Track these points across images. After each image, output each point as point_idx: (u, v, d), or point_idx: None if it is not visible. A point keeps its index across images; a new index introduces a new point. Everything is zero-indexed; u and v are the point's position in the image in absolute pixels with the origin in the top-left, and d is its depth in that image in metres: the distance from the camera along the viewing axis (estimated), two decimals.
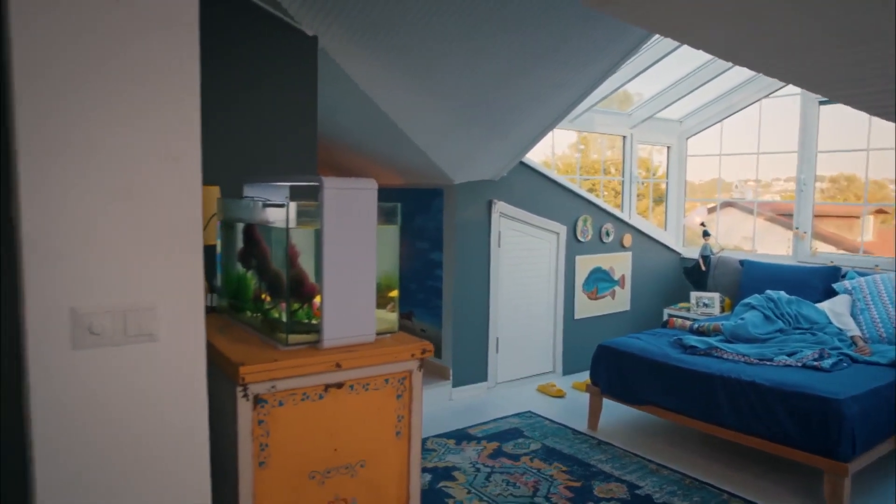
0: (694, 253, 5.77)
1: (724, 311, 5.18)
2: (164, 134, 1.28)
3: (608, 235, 5.37)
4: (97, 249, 1.24)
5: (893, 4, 1.19)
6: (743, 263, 5.19)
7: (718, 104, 5.73)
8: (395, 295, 1.86)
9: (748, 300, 4.44)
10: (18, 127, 1.15)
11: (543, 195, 4.94)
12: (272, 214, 1.76)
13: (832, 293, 4.46)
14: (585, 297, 5.29)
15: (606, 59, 3.52)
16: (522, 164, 4.70)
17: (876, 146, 4.85)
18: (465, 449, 3.69)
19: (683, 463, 3.51)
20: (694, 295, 5.29)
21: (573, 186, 5.13)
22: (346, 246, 1.65)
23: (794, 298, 4.34)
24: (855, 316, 4.23)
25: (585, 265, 5.26)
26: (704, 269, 5.38)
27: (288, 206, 1.64)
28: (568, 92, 3.77)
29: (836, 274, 4.60)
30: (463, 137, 3.93)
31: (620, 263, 5.53)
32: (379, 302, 1.75)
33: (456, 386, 4.61)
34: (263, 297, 1.85)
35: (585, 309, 5.30)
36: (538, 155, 5.37)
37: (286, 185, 2.03)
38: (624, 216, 5.56)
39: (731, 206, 5.99)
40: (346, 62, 3.06)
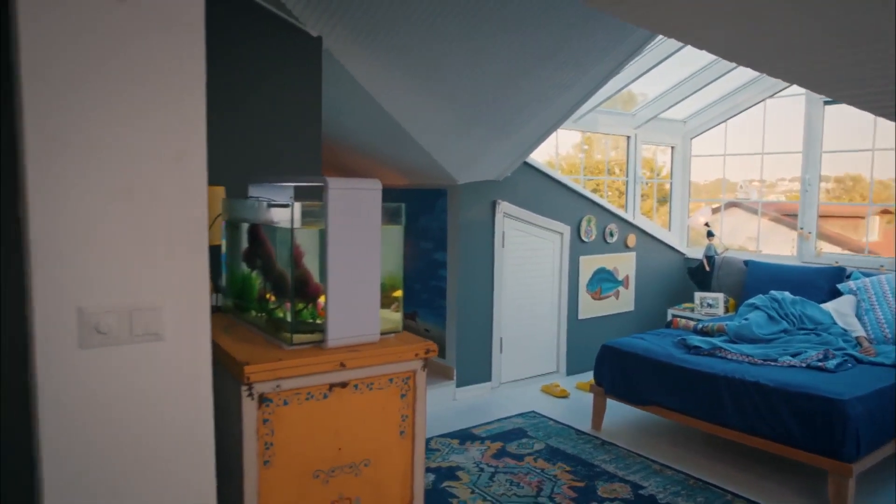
0: (698, 253, 5.77)
1: (728, 311, 5.18)
2: (169, 135, 1.29)
3: (612, 236, 5.37)
4: (104, 249, 1.25)
5: (894, 5, 1.20)
6: (747, 264, 5.18)
7: (722, 104, 5.73)
8: (399, 295, 1.86)
9: (752, 300, 4.43)
10: (26, 128, 1.16)
11: (547, 195, 4.94)
12: (277, 215, 1.77)
13: (837, 294, 4.44)
14: (589, 297, 5.29)
15: (610, 59, 3.52)
16: (526, 164, 4.70)
17: (881, 146, 4.83)
18: (468, 449, 3.70)
19: (687, 463, 3.51)
20: (698, 295, 5.28)
21: (577, 187, 5.12)
22: (350, 246, 1.65)
23: (798, 299, 4.33)
24: (860, 316, 4.22)
25: (589, 265, 5.26)
26: (708, 269, 5.38)
27: (292, 206, 1.64)
28: (572, 92, 3.77)
29: (840, 274, 4.59)
30: (467, 138, 3.94)
31: (624, 264, 5.52)
32: (383, 302, 1.75)
33: (460, 386, 4.61)
34: (268, 296, 1.86)
35: (589, 309, 5.30)
36: (542, 155, 5.38)
37: (291, 185, 2.04)
38: (628, 216, 5.56)
39: (735, 206, 5.98)
40: (350, 63, 3.07)
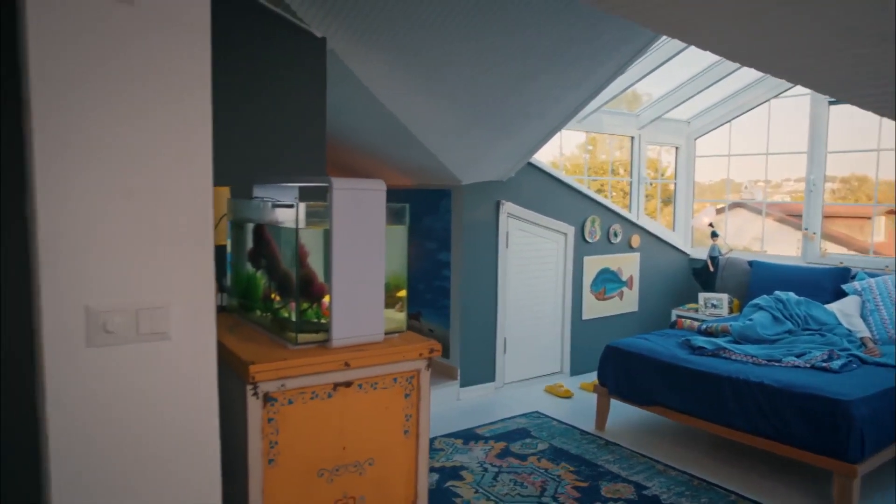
0: (702, 254, 5.76)
1: (732, 312, 5.17)
2: (176, 135, 1.30)
3: (616, 236, 5.36)
4: (111, 249, 1.26)
5: (894, 5, 1.20)
6: (752, 264, 5.18)
7: (727, 104, 5.72)
8: (403, 295, 1.87)
9: (757, 301, 4.42)
10: (34, 128, 1.18)
11: (551, 196, 4.94)
12: (282, 215, 1.78)
13: (842, 294, 4.43)
14: (593, 297, 5.29)
15: (614, 59, 3.52)
16: (530, 164, 4.71)
17: (887, 146, 4.82)
18: (472, 449, 3.70)
19: (691, 464, 3.51)
20: (702, 296, 5.28)
21: (581, 187, 5.12)
22: (354, 246, 1.66)
23: (802, 299, 4.32)
24: (865, 317, 4.21)
25: (593, 266, 5.26)
26: (713, 269, 5.37)
27: (297, 206, 1.65)
28: (576, 93, 3.77)
29: (845, 275, 4.58)
30: (471, 138, 3.94)
31: (628, 264, 5.52)
32: (387, 302, 1.76)
33: (464, 386, 4.62)
34: (273, 296, 1.87)
35: (593, 309, 5.30)
36: (546, 155, 5.38)
37: (295, 185, 2.05)
38: (632, 217, 5.56)
39: (740, 206, 5.97)
40: (354, 63, 3.08)
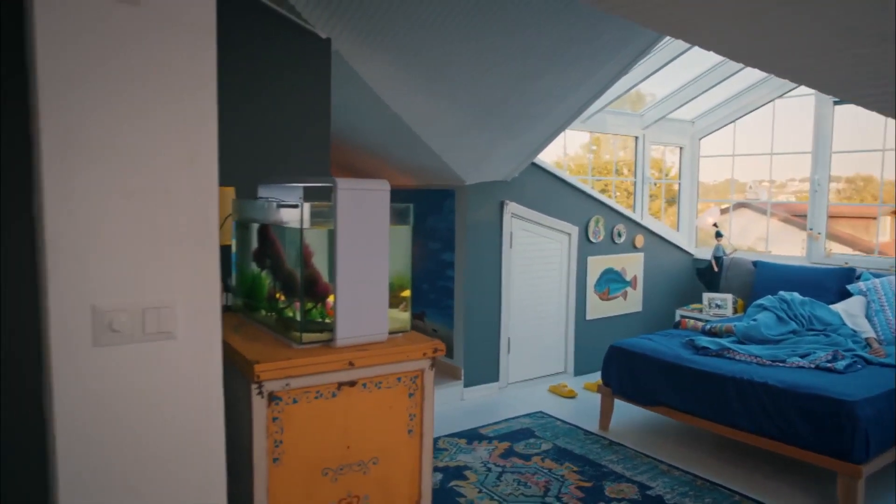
0: (706, 254, 5.75)
1: (736, 312, 5.16)
2: (182, 137, 1.31)
3: (620, 236, 5.36)
4: (117, 249, 1.27)
5: (894, 6, 1.20)
6: (756, 265, 5.17)
7: (731, 104, 5.71)
8: (407, 295, 1.88)
9: (761, 301, 4.41)
10: (42, 128, 1.19)
11: (555, 196, 4.94)
12: (286, 215, 1.79)
13: (847, 294, 4.42)
14: (597, 297, 5.29)
15: (618, 60, 3.52)
16: (534, 164, 4.71)
17: (892, 147, 4.80)
18: (476, 448, 3.71)
19: (695, 464, 3.51)
20: (706, 296, 5.27)
21: (585, 187, 5.12)
22: (359, 246, 1.67)
23: (807, 300, 4.31)
24: (870, 317, 4.20)
25: (597, 266, 5.25)
26: (717, 270, 5.36)
27: (302, 206, 1.66)
28: (580, 93, 3.78)
29: (850, 275, 4.57)
30: (475, 139, 3.95)
31: (632, 264, 5.52)
32: (391, 301, 1.77)
33: (467, 386, 4.62)
34: (278, 296, 1.88)
35: (597, 310, 5.30)
36: (550, 156, 5.38)
37: (300, 186, 2.05)
38: (636, 217, 5.55)
39: (744, 206, 5.96)
40: (358, 64, 3.09)
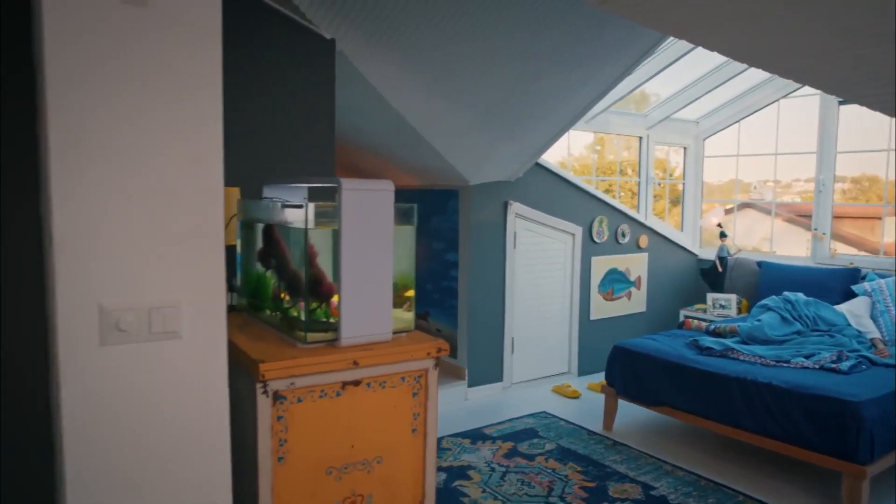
0: (711, 254, 5.74)
1: (741, 312, 5.15)
2: (187, 137, 1.32)
3: (624, 236, 5.36)
4: (124, 249, 1.28)
5: (894, 6, 1.20)
6: (760, 265, 5.16)
7: (735, 105, 5.70)
8: (411, 294, 1.88)
9: (765, 302, 4.41)
10: (51, 131, 1.20)
11: (559, 196, 4.95)
12: (291, 215, 1.79)
13: (851, 295, 4.41)
14: (601, 297, 5.29)
15: (621, 60, 3.52)
16: (538, 165, 4.71)
17: None
18: (480, 448, 3.71)
19: (699, 464, 3.50)
20: (710, 296, 5.26)
21: (589, 187, 5.12)
22: (363, 246, 1.67)
23: (811, 300, 4.30)
24: (874, 318, 4.18)
25: (601, 266, 5.25)
26: (721, 270, 5.35)
27: (306, 206, 1.67)
28: (583, 93, 3.78)
29: (855, 276, 4.56)
30: (478, 139, 3.95)
31: (636, 264, 5.51)
32: (395, 301, 1.77)
33: (471, 386, 4.63)
34: (282, 296, 1.89)
35: (601, 310, 5.30)
36: (554, 156, 5.38)
37: (304, 186, 2.07)
38: (640, 217, 5.55)
39: (749, 207, 5.94)
40: (363, 65, 3.10)
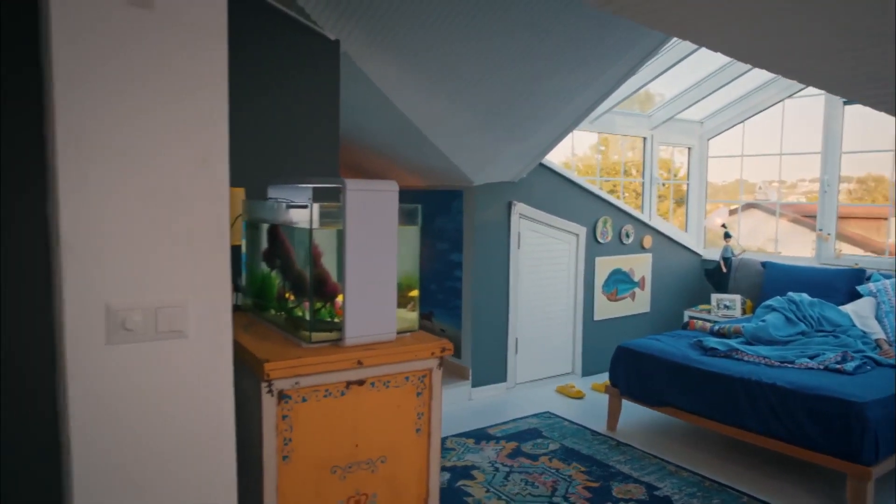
0: (715, 255, 5.73)
1: (745, 313, 5.14)
2: (193, 138, 1.33)
3: (628, 237, 5.36)
4: (130, 249, 1.29)
5: (894, 6, 1.20)
6: (765, 265, 5.15)
7: (740, 105, 5.69)
8: (415, 295, 1.89)
9: (769, 302, 4.40)
10: (58, 132, 1.21)
11: (563, 196, 4.95)
12: (296, 215, 1.80)
13: (856, 295, 4.40)
14: (605, 298, 5.28)
15: (626, 60, 3.52)
16: (542, 165, 4.71)
17: None
18: (484, 448, 3.72)
19: (703, 465, 3.50)
20: (715, 297, 5.25)
21: (593, 188, 5.12)
22: (367, 246, 1.68)
23: (816, 301, 4.29)
24: (879, 319, 4.17)
25: (605, 266, 5.25)
26: (725, 270, 5.34)
27: (311, 207, 1.67)
28: (587, 94, 3.78)
29: (860, 276, 4.54)
30: (482, 139, 3.96)
31: (640, 265, 5.51)
32: (399, 301, 1.78)
33: (475, 386, 4.63)
34: (287, 295, 1.89)
35: (605, 310, 5.29)
36: (558, 156, 5.38)
37: (309, 186, 2.07)
38: (644, 217, 5.54)
39: (754, 207, 5.93)
40: (367, 66, 3.11)
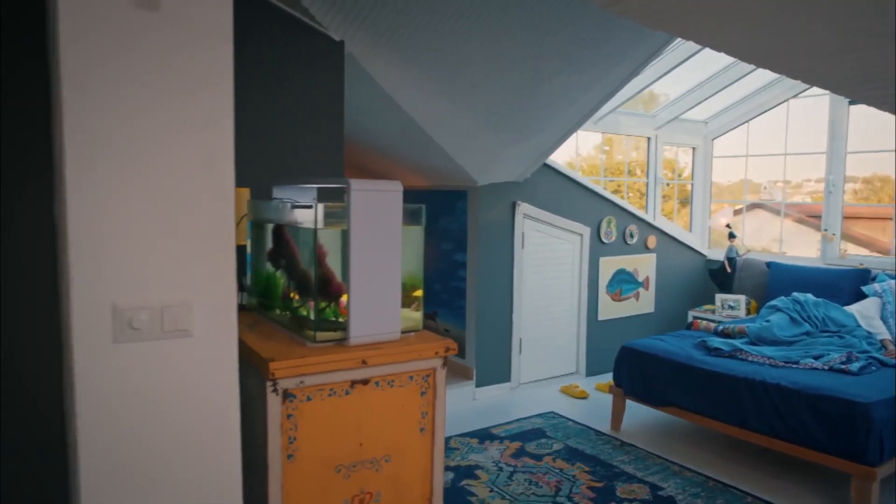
0: (719, 255, 5.72)
1: (749, 313, 5.13)
2: (199, 139, 1.34)
3: (632, 237, 5.35)
4: (137, 248, 1.30)
5: (894, 6, 1.20)
6: (769, 265, 5.14)
7: (744, 105, 5.68)
8: (419, 294, 1.89)
9: (774, 302, 4.39)
10: (66, 133, 1.22)
11: (567, 196, 4.95)
12: (300, 215, 1.81)
13: (861, 296, 4.39)
14: (609, 298, 5.28)
15: (630, 61, 3.52)
16: (546, 165, 4.71)
17: None
18: (488, 448, 3.72)
19: (707, 465, 3.50)
20: (719, 297, 5.24)
21: (597, 188, 5.12)
22: (372, 246, 1.69)
23: (821, 301, 4.28)
24: (884, 319, 4.16)
25: (609, 267, 5.25)
26: (730, 271, 5.33)
27: (316, 207, 1.68)
28: (591, 94, 3.78)
29: (865, 276, 4.53)
30: (487, 140, 3.96)
31: (644, 265, 5.50)
32: (404, 301, 1.79)
33: (479, 386, 4.64)
34: (292, 295, 1.90)
35: (609, 310, 5.29)
36: (563, 156, 5.38)
37: (314, 186, 2.08)
38: (648, 218, 5.54)
39: (758, 207, 5.92)
40: (371, 66, 3.11)
